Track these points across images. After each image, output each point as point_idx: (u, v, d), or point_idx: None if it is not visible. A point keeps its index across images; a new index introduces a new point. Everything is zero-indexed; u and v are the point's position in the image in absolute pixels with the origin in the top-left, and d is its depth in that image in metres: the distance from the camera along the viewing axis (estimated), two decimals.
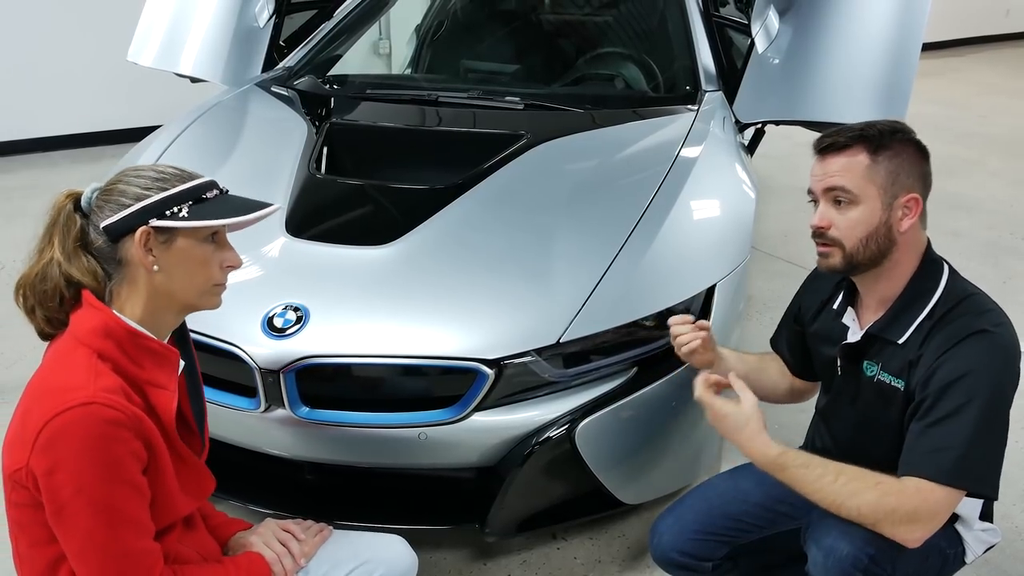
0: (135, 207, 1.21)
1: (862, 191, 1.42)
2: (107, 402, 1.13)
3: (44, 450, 1.11)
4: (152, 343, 1.24)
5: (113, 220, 1.21)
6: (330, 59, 3.32)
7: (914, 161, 1.44)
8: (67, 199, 1.25)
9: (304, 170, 2.34)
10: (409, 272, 1.96)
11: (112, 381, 1.17)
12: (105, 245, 1.23)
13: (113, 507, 1.14)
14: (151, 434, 1.20)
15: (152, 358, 1.24)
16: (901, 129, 1.46)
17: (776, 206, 4.52)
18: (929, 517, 1.33)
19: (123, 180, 1.25)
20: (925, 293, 1.45)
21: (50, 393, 1.15)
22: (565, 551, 2.15)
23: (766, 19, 2.75)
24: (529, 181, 2.32)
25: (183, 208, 1.23)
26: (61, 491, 1.11)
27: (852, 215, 1.43)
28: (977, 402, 1.34)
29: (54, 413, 1.11)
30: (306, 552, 1.45)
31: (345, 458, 1.88)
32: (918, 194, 1.43)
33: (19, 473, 1.15)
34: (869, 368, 1.52)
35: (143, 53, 3.11)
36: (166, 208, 1.22)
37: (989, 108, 7.06)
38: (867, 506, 1.35)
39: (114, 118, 5.56)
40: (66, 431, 1.11)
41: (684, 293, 1.96)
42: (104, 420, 1.12)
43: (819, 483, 1.39)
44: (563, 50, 3.62)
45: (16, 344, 3.01)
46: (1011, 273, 3.88)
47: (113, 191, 1.23)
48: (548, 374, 1.83)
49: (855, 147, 1.43)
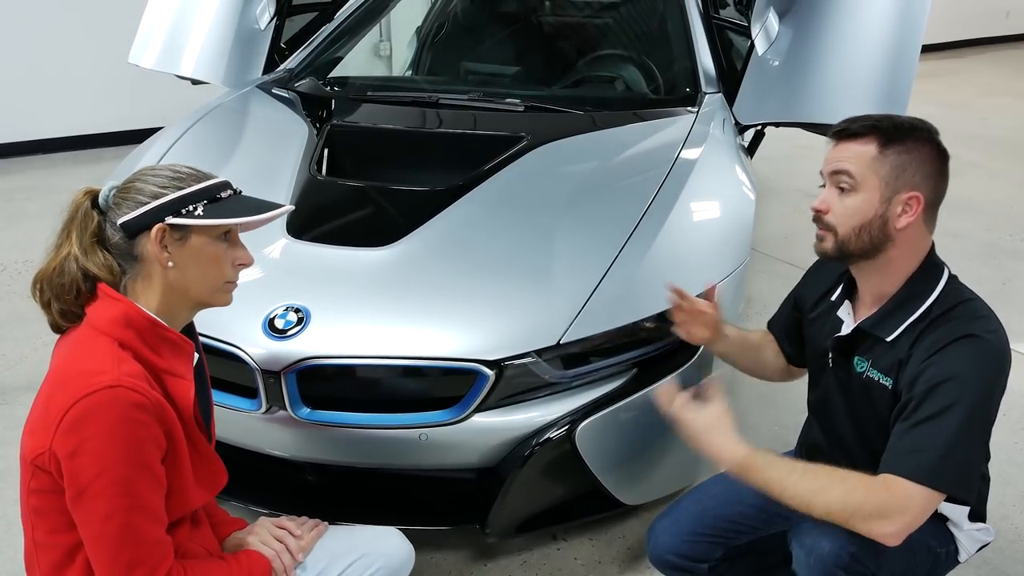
0: (152, 204, 1.25)
1: (864, 179, 1.42)
2: (132, 386, 1.17)
3: (68, 432, 1.14)
4: (170, 333, 1.29)
5: (130, 217, 1.25)
6: (331, 61, 3.33)
7: (926, 160, 1.44)
8: (85, 196, 1.29)
9: (305, 172, 2.35)
10: (410, 273, 1.97)
11: (135, 367, 1.21)
12: (122, 241, 1.27)
13: (133, 491, 1.16)
14: (171, 422, 1.23)
15: (170, 348, 1.28)
16: (921, 127, 1.45)
17: (776, 208, 4.52)
18: (900, 512, 1.31)
19: (140, 179, 1.29)
20: (920, 295, 1.46)
21: (74, 378, 1.17)
22: (565, 552, 2.15)
23: (766, 21, 2.75)
24: (529, 183, 2.32)
25: (198, 206, 1.27)
26: (83, 473, 1.14)
27: (850, 202, 1.44)
28: (962, 406, 1.33)
29: (80, 395, 1.14)
30: (303, 547, 1.47)
31: (346, 459, 1.88)
32: (921, 194, 1.42)
33: (42, 457, 1.17)
34: (860, 364, 1.52)
35: (144, 55, 3.12)
36: (182, 206, 1.26)
37: (989, 110, 7.06)
38: (835, 503, 1.34)
39: (115, 120, 5.57)
40: (92, 413, 1.14)
41: None
42: (129, 403, 1.15)
43: (786, 482, 1.38)
44: (563, 52, 3.62)
45: (18, 345, 3.02)
46: (1011, 275, 3.88)
47: (131, 189, 1.27)
48: (548, 375, 1.83)
49: (868, 136, 1.44)
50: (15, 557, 2.10)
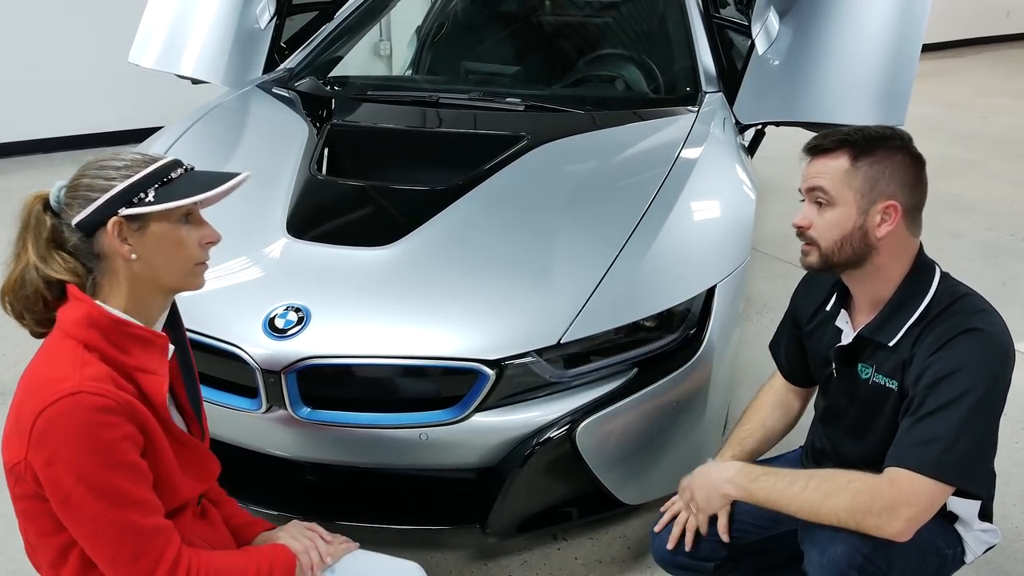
0: (102, 199, 1.20)
1: (839, 194, 1.44)
2: (94, 390, 1.14)
3: (39, 443, 1.13)
4: (136, 329, 1.24)
5: (83, 216, 1.21)
6: (331, 60, 3.32)
7: (900, 169, 1.43)
8: (36, 200, 1.24)
9: (305, 171, 2.35)
10: (410, 273, 1.96)
11: (98, 370, 1.17)
12: (80, 241, 1.22)
13: (115, 490, 1.14)
14: (144, 418, 1.20)
15: (138, 344, 1.24)
16: (892, 136, 1.45)
17: (776, 207, 4.51)
18: (907, 506, 1.32)
19: (87, 174, 1.24)
20: (916, 296, 1.46)
21: (39, 386, 1.16)
22: (566, 551, 2.15)
23: (766, 20, 2.75)
24: (530, 182, 2.32)
25: (149, 192, 1.22)
26: (62, 481, 1.13)
27: (828, 216, 1.45)
28: (967, 398, 1.34)
29: (43, 406, 1.12)
30: (332, 552, 1.45)
31: (346, 459, 1.88)
32: (898, 202, 1.42)
33: (19, 467, 1.16)
34: (864, 370, 1.53)
35: (144, 55, 3.12)
36: (132, 195, 1.21)
37: (989, 109, 7.06)
38: (843, 509, 1.36)
39: (115, 120, 5.57)
40: (57, 422, 1.12)
41: (684, 294, 1.96)
42: (92, 408, 1.13)
43: (790, 492, 1.41)
44: (563, 52, 3.62)
45: (17, 344, 3.00)
46: (1011, 274, 3.88)
47: (79, 187, 1.22)
48: (549, 375, 1.83)
49: (839, 151, 1.45)
50: (16, 556, 2.10)
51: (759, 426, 1.78)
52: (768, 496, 1.46)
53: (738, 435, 1.77)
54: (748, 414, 1.82)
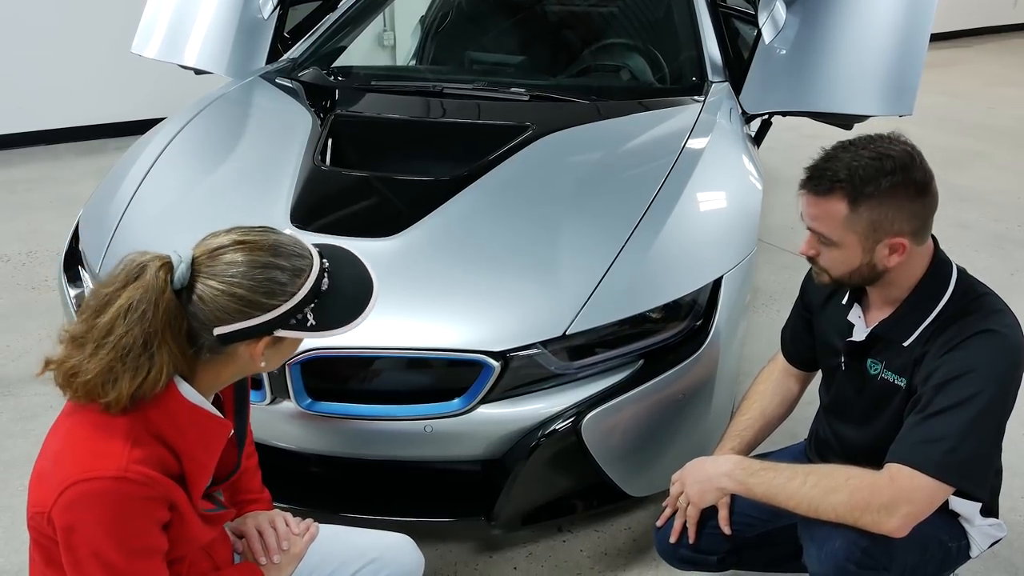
0: (261, 320, 1.11)
1: (841, 238, 1.40)
2: (137, 478, 1.08)
3: (66, 508, 1.07)
4: (205, 418, 1.17)
5: (236, 329, 1.11)
6: (334, 51, 3.31)
7: (902, 205, 1.36)
8: (162, 274, 1.09)
9: (309, 162, 2.34)
10: (414, 264, 1.95)
11: (148, 452, 1.11)
12: (215, 343, 1.13)
13: (127, 570, 1.10)
14: (178, 498, 1.15)
15: (199, 431, 1.17)
16: (887, 168, 1.35)
17: (783, 198, 4.48)
18: (907, 504, 1.32)
19: (234, 277, 1.11)
20: (932, 297, 1.44)
21: (82, 450, 1.10)
22: (571, 544, 2.15)
23: (773, 9, 2.73)
24: (534, 173, 2.31)
25: (308, 315, 1.14)
26: (78, 550, 1.08)
27: (834, 254, 1.43)
28: (977, 400, 1.32)
29: (80, 478, 1.06)
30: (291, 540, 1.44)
31: (351, 451, 1.87)
32: (905, 237, 1.38)
33: (40, 517, 1.11)
34: (873, 366, 1.52)
35: (147, 45, 3.11)
36: (292, 317, 1.14)
37: (996, 99, 7.02)
38: (842, 505, 1.35)
39: (118, 110, 5.56)
40: (89, 500, 1.07)
41: (691, 285, 1.95)
42: (130, 496, 1.08)
43: (788, 488, 1.41)
44: (568, 41, 3.60)
45: (22, 337, 3.01)
46: (1019, 265, 3.86)
47: (225, 293, 1.10)
48: (554, 366, 1.82)
49: (835, 195, 1.38)
50: (20, 549, 2.10)
51: (759, 415, 1.77)
52: (766, 491, 1.45)
53: (737, 426, 1.77)
54: (747, 402, 1.81)
